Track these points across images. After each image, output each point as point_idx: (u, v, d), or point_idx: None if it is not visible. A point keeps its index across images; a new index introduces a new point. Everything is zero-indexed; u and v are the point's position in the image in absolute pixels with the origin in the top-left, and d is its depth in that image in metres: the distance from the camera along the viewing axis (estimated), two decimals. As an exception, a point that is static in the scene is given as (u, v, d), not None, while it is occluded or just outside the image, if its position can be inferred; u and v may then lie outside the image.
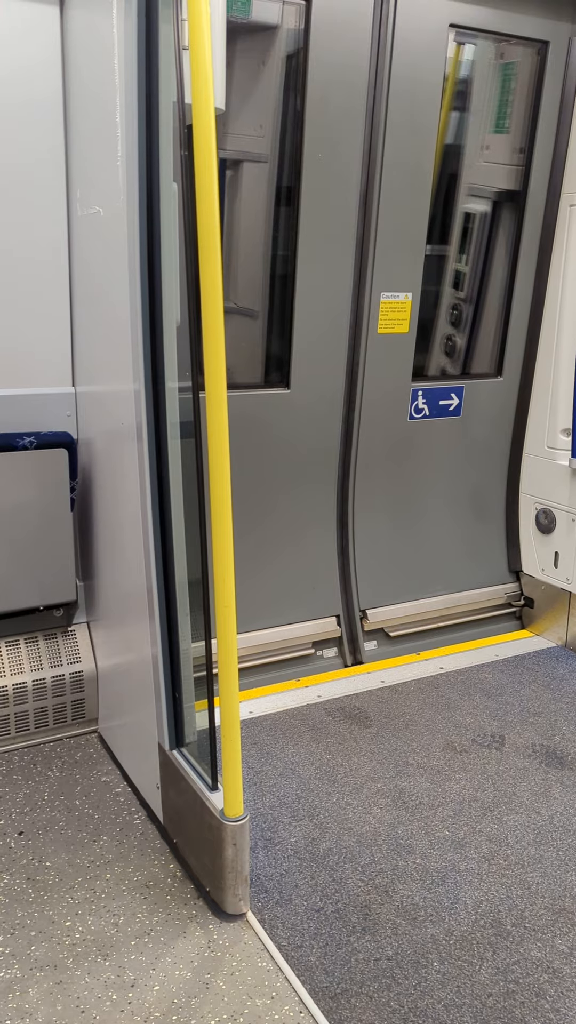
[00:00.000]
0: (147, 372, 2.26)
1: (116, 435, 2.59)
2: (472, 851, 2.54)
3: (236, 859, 2.21)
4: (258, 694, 3.37)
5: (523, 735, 3.15)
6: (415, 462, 3.70)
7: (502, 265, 3.69)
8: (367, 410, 3.49)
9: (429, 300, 3.63)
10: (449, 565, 3.92)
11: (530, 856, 2.52)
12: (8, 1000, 2.02)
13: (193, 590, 2.37)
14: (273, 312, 3.29)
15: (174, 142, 2.11)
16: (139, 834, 2.61)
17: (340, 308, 3.32)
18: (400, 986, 2.07)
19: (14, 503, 2.82)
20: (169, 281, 2.19)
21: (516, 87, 3.43)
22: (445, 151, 3.43)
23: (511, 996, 2.05)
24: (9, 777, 2.86)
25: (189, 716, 2.46)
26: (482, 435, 3.85)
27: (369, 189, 3.20)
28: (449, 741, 3.10)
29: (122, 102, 2.21)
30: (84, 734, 3.12)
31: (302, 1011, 2.00)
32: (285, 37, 2.98)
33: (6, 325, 2.84)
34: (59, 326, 2.92)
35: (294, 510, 3.48)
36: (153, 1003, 2.02)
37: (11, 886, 2.38)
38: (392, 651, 3.77)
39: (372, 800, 2.75)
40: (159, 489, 2.34)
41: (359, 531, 3.63)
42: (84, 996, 2.04)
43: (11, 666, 2.99)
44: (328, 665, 3.64)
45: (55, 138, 2.75)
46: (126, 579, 2.65)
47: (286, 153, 3.11)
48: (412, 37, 3.08)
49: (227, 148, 3.10)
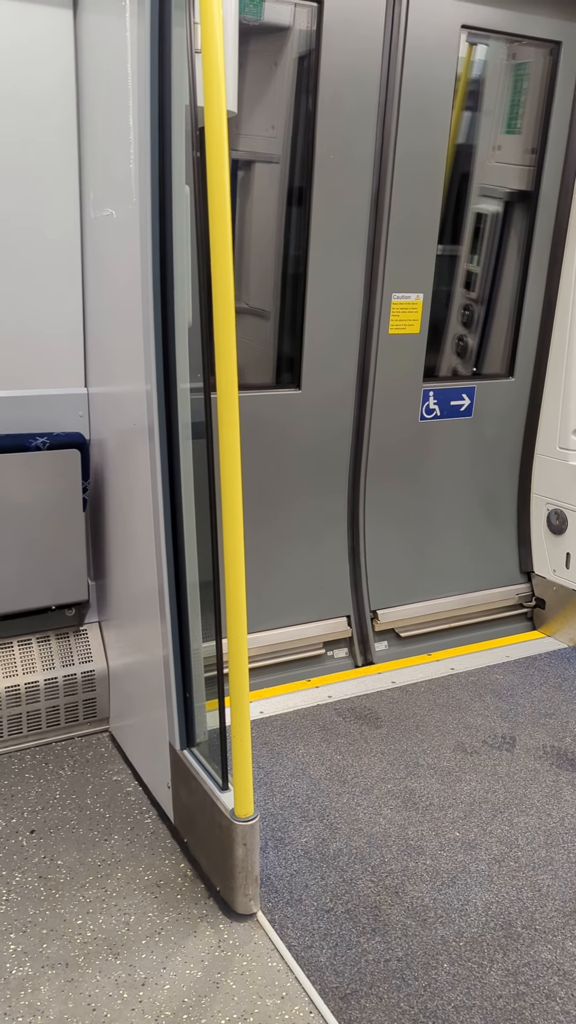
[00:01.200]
0: (159, 373, 2.27)
1: (128, 435, 2.60)
2: (483, 853, 2.53)
3: (246, 859, 2.21)
4: (269, 694, 3.38)
5: (534, 737, 3.14)
6: (426, 463, 3.70)
7: (514, 265, 3.69)
8: (378, 411, 3.48)
9: (440, 300, 3.63)
10: (460, 566, 3.91)
11: (541, 858, 2.52)
12: (20, 997, 2.03)
13: (204, 590, 2.38)
14: (284, 313, 3.30)
15: (186, 144, 2.11)
16: (150, 833, 2.62)
17: (351, 308, 3.32)
18: (410, 987, 2.07)
19: (27, 503, 2.84)
20: (181, 282, 2.20)
21: (528, 87, 3.42)
22: (457, 152, 3.43)
23: (521, 998, 2.05)
24: (21, 776, 2.87)
25: (200, 716, 2.47)
26: (493, 436, 3.84)
27: (381, 190, 3.20)
28: (460, 742, 3.09)
29: (135, 105, 2.22)
30: (95, 733, 3.13)
31: (312, 1011, 2.00)
32: (297, 38, 2.98)
33: (20, 327, 2.86)
34: (72, 327, 2.93)
35: (305, 510, 3.49)
36: (164, 1002, 2.03)
37: (23, 884, 2.40)
38: (403, 652, 3.76)
39: (382, 801, 2.76)
40: (171, 489, 2.34)
41: (370, 531, 3.63)
42: (95, 994, 2.05)
43: (23, 665, 3.01)
44: (339, 665, 3.64)
45: (68, 141, 2.76)
46: (138, 579, 2.66)
47: (298, 154, 3.11)
48: (424, 38, 3.08)
49: (239, 149, 3.11)
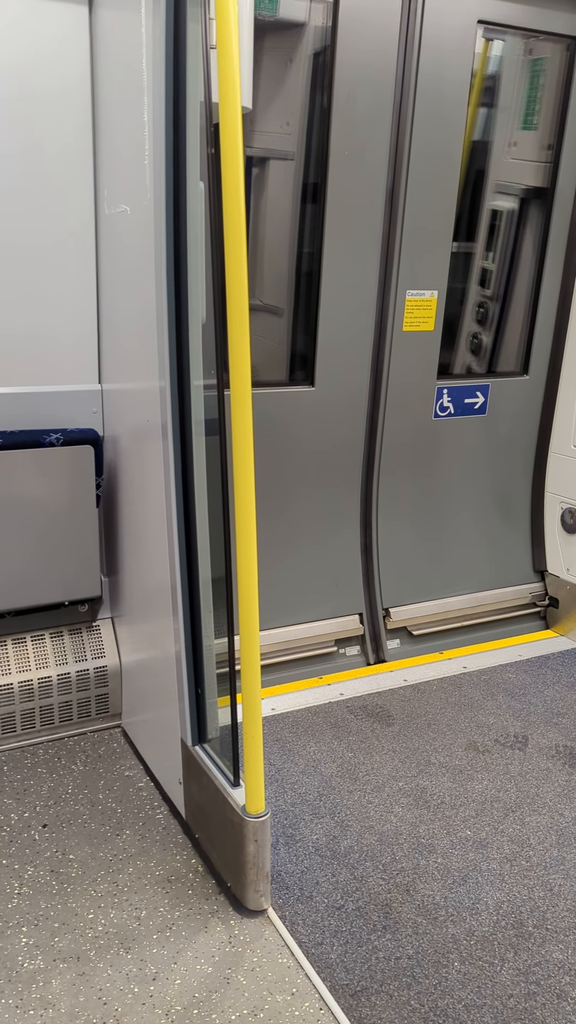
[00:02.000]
0: (172, 370, 2.27)
1: (141, 432, 2.60)
2: (494, 851, 2.53)
3: (257, 855, 2.22)
4: (280, 691, 3.38)
5: (546, 736, 3.13)
6: (439, 460, 3.68)
7: (529, 262, 3.67)
8: (392, 408, 3.48)
9: (455, 298, 3.61)
10: (473, 564, 3.90)
11: (552, 858, 2.51)
12: (32, 990, 2.05)
13: (216, 587, 2.38)
14: (298, 310, 3.29)
15: (201, 141, 2.11)
16: (161, 828, 2.63)
17: (365, 306, 3.31)
18: (420, 985, 2.07)
19: (41, 499, 2.85)
20: (195, 279, 2.20)
21: (545, 83, 3.40)
22: (472, 148, 3.41)
23: (532, 998, 2.04)
24: (34, 770, 2.89)
25: (212, 712, 2.48)
26: (507, 434, 3.82)
27: (395, 186, 3.19)
28: (472, 741, 3.09)
29: (150, 101, 2.22)
30: (107, 728, 3.14)
31: (322, 1008, 2.01)
32: (312, 34, 2.98)
33: (35, 324, 2.87)
34: (86, 324, 2.94)
35: (318, 508, 3.48)
36: (174, 996, 2.03)
37: (35, 878, 2.41)
38: (415, 650, 3.76)
39: (394, 799, 2.75)
40: (183, 486, 2.35)
41: (383, 529, 3.62)
42: (106, 988, 2.06)
43: (36, 660, 3.02)
44: (350, 663, 3.64)
45: (83, 137, 2.77)
46: (150, 575, 2.67)
47: (312, 150, 3.10)
48: (440, 34, 3.07)
49: (254, 146, 3.11)
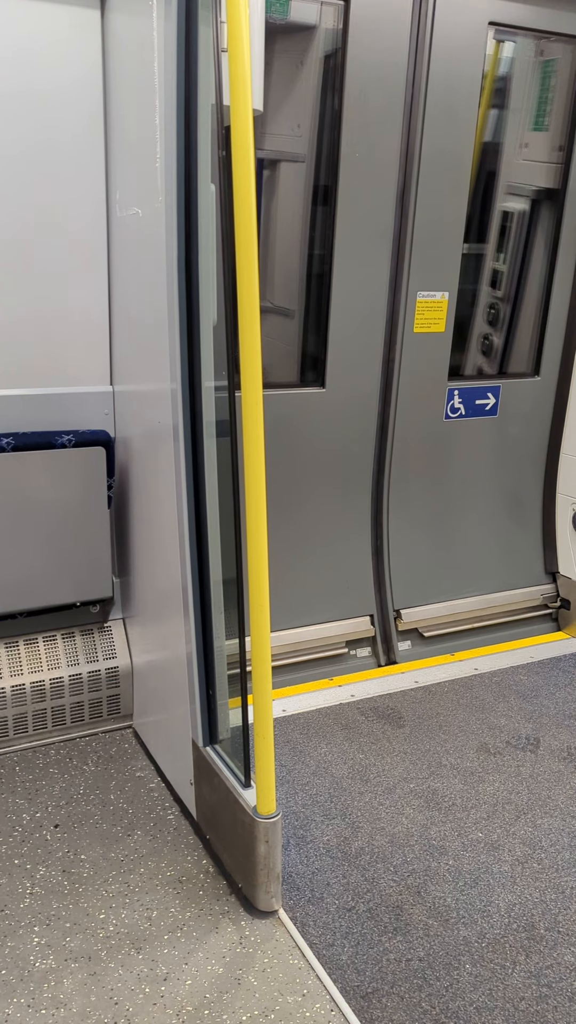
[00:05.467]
0: (184, 371, 2.28)
1: (153, 433, 2.61)
2: (505, 854, 2.52)
3: (268, 856, 2.22)
4: (291, 692, 3.38)
5: (558, 738, 3.12)
6: (451, 462, 3.68)
7: (540, 264, 3.66)
8: (402, 409, 3.47)
9: (466, 299, 3.61)
10: (484, 566, 3.89)
11: (564, 860, 2.50)
12: (44, 990, 2.05)
13: (227, 588, 2.38)
14: (309, 311, 3.30)
15: (212, 143, 2.12)
16: (172, 829, 2.64)
17: (376, 307, 3.31)
18: (432, 987, 2.06)
19: (53, 500, 2.86)
20: (206, 281, 2.21)
21: (556, 84, 3.40)
22: (483, 149, 3.41)
23: (544, 1000, 2.03)
24: (46, 771, 2.90)
25: (223, 713, 2.48)
26: (519, 435, 3.81)
27: (406, 188, 3.19)
28: (483, 743, 3.08)
29: (161, 104, 2.22)
30: (119, 729, 3.15)
31: (333, 1009, 2.01)
32: (323, 37, 2.98)
33: (47, 325, 2.88)
34: (98, 326, 2.95)
35: (329, 509, 3.48)
36: (185, 997, 2.04)
37: (47, 878, 2.42)
38: (426, 651, 3.75)
39: (405, 800, 2.75)
40: (195, 487, 2.35)
41: (394, 530, 3.62)
42: (117, 988, 2.06)
43: (48, 661, 3.03)
44: (361, 664, 3.63)
45: (95, 141, 2.78)
46: (161, 576, 2.68)
47: (323, 152, 3.11)
48: (451, 35, 3.06)
49: (265, 148, 3.11)
